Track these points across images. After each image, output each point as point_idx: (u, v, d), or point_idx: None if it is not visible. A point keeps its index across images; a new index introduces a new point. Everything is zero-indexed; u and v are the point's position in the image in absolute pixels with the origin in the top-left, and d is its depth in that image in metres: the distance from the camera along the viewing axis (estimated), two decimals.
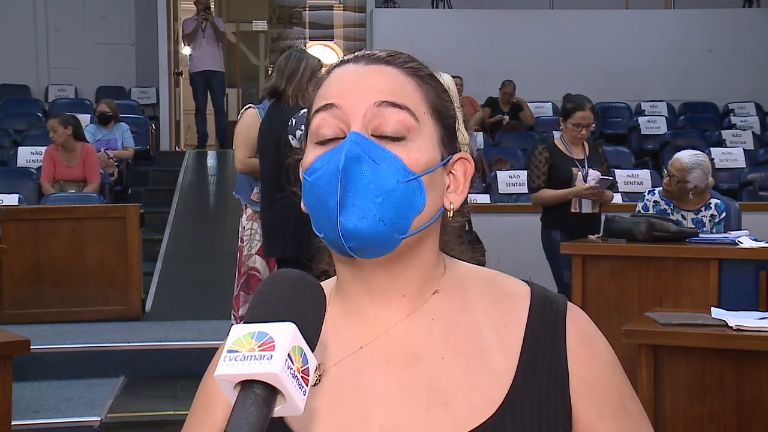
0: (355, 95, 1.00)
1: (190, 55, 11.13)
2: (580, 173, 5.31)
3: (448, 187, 1.05)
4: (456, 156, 1.06)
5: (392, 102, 1.00)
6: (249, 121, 4.74)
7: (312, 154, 1.02)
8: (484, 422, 0.98)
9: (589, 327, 1.07)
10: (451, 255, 1.12)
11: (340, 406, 1.01)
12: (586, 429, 1.03)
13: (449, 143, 1.05)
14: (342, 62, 1.06)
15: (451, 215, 1.06)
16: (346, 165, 0.97)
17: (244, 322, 0.85)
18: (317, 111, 1.03)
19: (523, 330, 1.04)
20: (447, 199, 1.05)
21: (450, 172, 1.06)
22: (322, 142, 1.02)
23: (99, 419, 4.57)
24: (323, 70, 1.07)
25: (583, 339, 1.05)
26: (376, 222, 0.98)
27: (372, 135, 0.99)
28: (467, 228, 3.66)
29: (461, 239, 1.15)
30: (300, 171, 1.05)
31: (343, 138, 0.99)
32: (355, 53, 1.07)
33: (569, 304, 1.08)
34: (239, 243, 4.96)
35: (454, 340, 1.04)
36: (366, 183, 0.97)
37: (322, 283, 1.02)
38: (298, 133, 3.96)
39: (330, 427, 1.01)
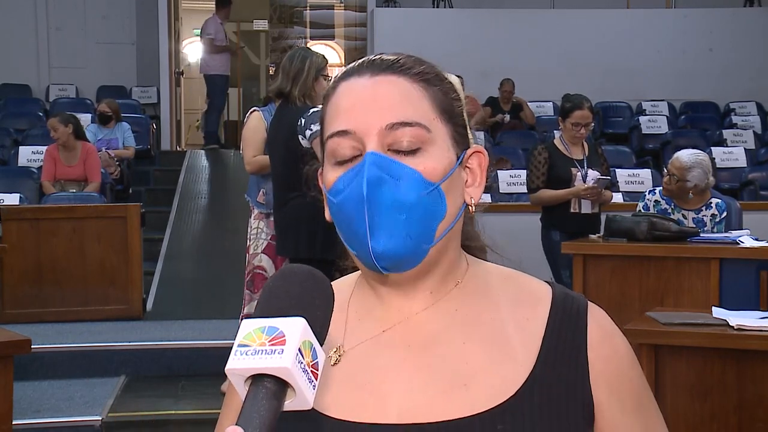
0: (366, 118, 1.02)
1: (208, 57, 11.15)
2: (579, 173, 5.30)
3: (466, 181, 1.08)
4: (470, 151, 1.08)
5: (402, 122, 1.01)
6: (254, 124, 4.77)
7: (333, 174, 1.04)
8: (501, 403, 1.00)
9: (609, 325, 1.09)
10: (470, 244, 1.14)
11: (358, 385, 1.03)
12: (609, 423, 1.04)
13: (461, 140, 1.07)
14: (347, 75, 1.07)
15: (473, 209, 1.08)
16: (370, 192, 0.99)
17: (254, 317, 0.86)
18: (331, 136, 1.04)
19: (545, 324, 1.06)
20: (467, 194, 1.08)
21: (466, 166, 1.08)
22: (341, 162, 1.03)
23: (100, 419, 4.57)
24: (327, 70, 1.09)
25: (604, 336, 1.07)
26: (403, 238, 1.00)
27: (388, 149, 1.01)
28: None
29: (468, 229, 1.16)
30: (321, 186, 1.07)
31: (361, 156, 1.01)
32: (360, 61, 1.08)
33: (590, 302, 1.10)
34: (247, 242, 4.96)
35: (475, 329, 1.06)
36: (390, 203, 1.00)
37: (345, 276, 1.06)
38: (308, 132, 3.97)
39: (347, 405, 1.02)
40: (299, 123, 4.02)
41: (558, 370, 1.03)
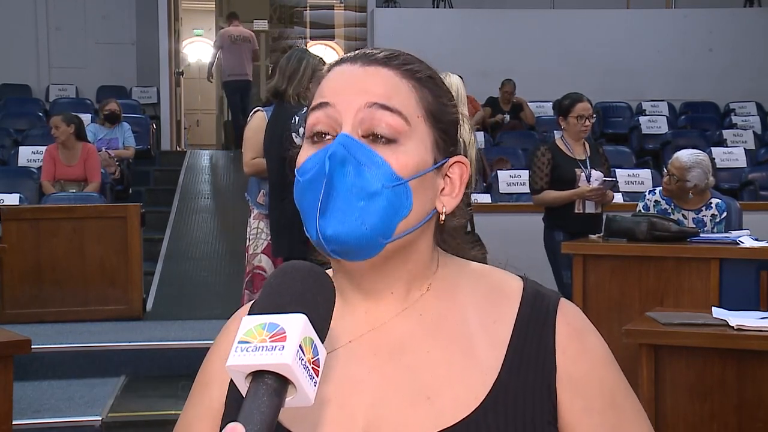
0: (349, 95, 1.01)
1: (249, 64, 11.42)
2: (583, 174, 5.28)
3: (443, 190, 1.05)
4: (452, 160, 1.06)
5: (384, 105, 1.00)
6: (256, 124, 4.74)
7: (305, 153, 1.03)
8: (465, 417, 0.98)
9: (581, 322, 1.06)
10: (449, 252, 1.12)
11: (326, 398, 1.02)
12: (571, 424, 1.01)
13: (445, 147, 1.05)
14: (341, 61, 1.06)
15: (443, 219, 1.06)
16: (332, 168, 0.98)
17: (254, 314, 0.86)
18: (312, 109, 1.04)
19: (512, 325, 1.04)
20: (440, 201, 1.05)
21: (446, 175, 1.06)
22: (315, 140, 1.03)
23: (100, 419, 4.57)
24: (325, 68, 1.08)
25: (573, 334, 1.04)
26: (357, 226, 0.98)
27: (362, 136, 1.00)
28: (469, 229, 3.65)
29: (462, 237, 1.14)
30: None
31: (335, 136, 1.00)
32: (356, 52, 1.07)
33: (562, 300, 1.07)
34: (246, 242, 4.97)
35: (441, 335, 1.04)
36: (349, 187, 0.98)
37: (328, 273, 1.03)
38: (301, 130, 3.97)
39: (315, 419, 1.01)
40: (293, 121, 4.03)
41: (524, 374, 1.01)
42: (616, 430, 1.04)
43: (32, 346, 3.21)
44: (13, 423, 3.22)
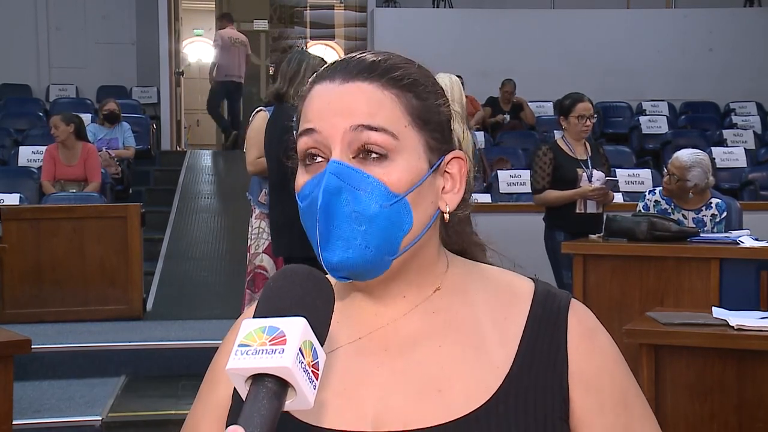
0: (332, 119, 1.00)
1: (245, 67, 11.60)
2: (584, 174, 5.28)
3: (443, 188, 1.05)
4: (448, 156, 1.05)
5: (368, 125, 0.99)
6: (259, 123, 4.76)
7: (301, 178, 1.03)
8: (476, 409, 0.99)
9: (592, 322, 1.07)
10: (454, 249, 1.12)
11: (334, 390, 1.02)
12: (584, 423, 1.02)
13: (439, 145, 1.04)
14: (320, 78, 1.05)
15: (447, 217, 1.06)
16: (325, 201, 0.99)
17: (254, 317, 0.86)
18: (300, 135, 1.04)
19: (524, 323, 1.05)
20: (443, 201, 1.05)
21: (445, 171, 1.06)
22: (308, 162, 1.03)
23: (100, 419, 4.57)
24: (307, 85, 1.07)
25: (585, 333, 1.05)
26: (362, 250, 0.99)
27: (353, 157, 1.00)
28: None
29: (468, 229, 1.15)
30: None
31: (327, 160, 1.00)
32: (336, 62, 1.06)
33: (573, 300, 1.08)
34: (248, 242, 4.98)
35: (452, 331, 1.04)
36: (348, 213, 0.99)
37: (327, 277, 1.04)
38: None
39: (323, 411, 1.01)
40: (294, 119, 4.04)
41: (535, 371, 1.01)
42: (628, 429, 1.04)
43: (32, 346, 3.21)
44: (13, 423, 3.22)
